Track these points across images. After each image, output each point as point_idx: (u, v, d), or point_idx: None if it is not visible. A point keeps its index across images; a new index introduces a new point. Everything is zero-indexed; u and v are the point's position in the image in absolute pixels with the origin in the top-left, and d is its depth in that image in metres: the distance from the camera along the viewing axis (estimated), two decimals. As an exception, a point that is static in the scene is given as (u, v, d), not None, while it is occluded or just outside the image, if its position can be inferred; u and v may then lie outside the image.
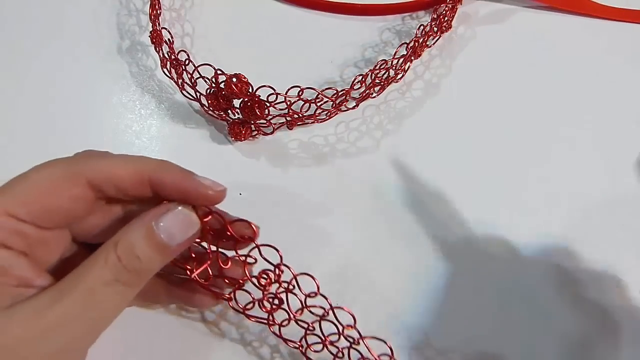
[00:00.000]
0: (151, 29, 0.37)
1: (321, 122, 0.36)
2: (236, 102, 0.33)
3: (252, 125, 0.35)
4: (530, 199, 0.34)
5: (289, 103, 0.33)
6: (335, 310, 0.26)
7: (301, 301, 0.26)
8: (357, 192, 0.34)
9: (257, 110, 0.33)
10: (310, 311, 0.26)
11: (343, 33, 0.40)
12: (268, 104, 0.33)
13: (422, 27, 0.37)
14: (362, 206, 0.34)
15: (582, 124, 0.37)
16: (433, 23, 0.38)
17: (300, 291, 0.26)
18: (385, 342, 0.26)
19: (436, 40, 0.39)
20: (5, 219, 0.21)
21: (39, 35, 0.39)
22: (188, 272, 0.25)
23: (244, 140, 0.35)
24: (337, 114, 0.36)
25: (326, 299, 0.26)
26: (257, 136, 0.35)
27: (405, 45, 0.36)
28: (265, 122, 0.34)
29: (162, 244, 0.23)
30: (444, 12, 0.38)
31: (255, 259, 0.26)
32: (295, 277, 0.26)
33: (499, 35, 0.40)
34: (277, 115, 0.34)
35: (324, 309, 0.26)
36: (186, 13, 0.41)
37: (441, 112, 0.37)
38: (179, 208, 0.24)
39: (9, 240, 0.22)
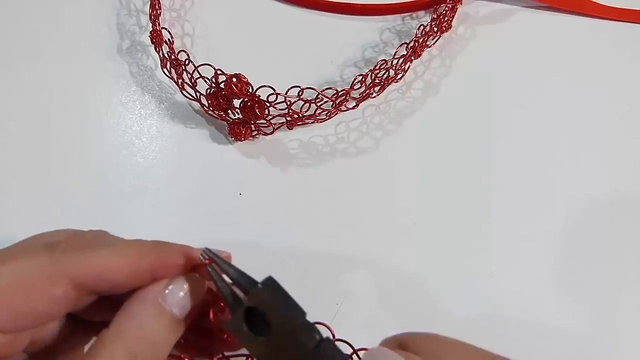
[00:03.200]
0: (151, 29, 0.37)
1: (321, 122, 0.36)
2: (236, 102, 0.33)
3: (252, 125, 0.35)
4: (530, 198, 0.34)
5: (289, 103, 0.33)
6: None
7: None
8: (357, 192, 0.34)
9: (257, 110, 0.33)
10: None
11: (343, 33, 0.40)
12: (268, 104, 0.33)
13: (422, 27, 0.37)
14: (362, 206, 0.34)
15: (582, 123, 0.37)
16: (433, 23, 0.38)
17: None
18: None
19: (436, 40, 0.39)
20: None
21: (39, 35, 0.39)
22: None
23: (244, 140, 0.35)
24: (337, 114, 0.36)
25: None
26: (257, 136, 0.35)
27: (405, 45, 0.36)
28: (265, 122, 0.34)
29: (175, 320, 0.20)
30: (444, 12, 0.38)
31: None
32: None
33: (499, 35, 0.40)
34: (277, 115, 0.34)
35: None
36: (186, 13, 0.41)
37: (441, 112, 0.37)
38: (181, 277, 0.20)
39: None
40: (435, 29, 0.38)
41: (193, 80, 0.34)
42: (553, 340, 0.30)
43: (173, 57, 0.35)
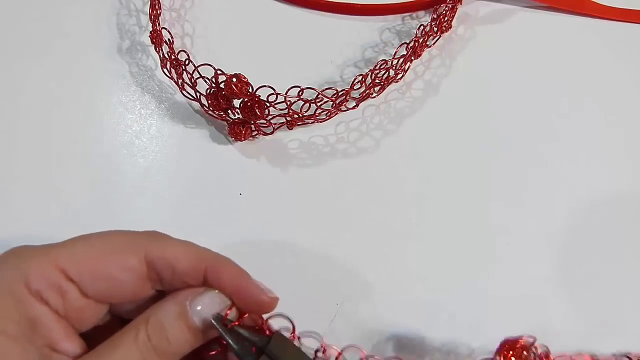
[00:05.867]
0: (151, 29, 0.37)
1: (321, 122, 0.36)
2: (236, 102, 0.33)
3: (252, 125, 0.35)
4: (530, 198, 0.34)
5: (289, 103, 0.33)
6: None
7: None
8: (357, 192, 0.34)
9: (257, 110, 0.33)
10: None
11: (343, 33, 0.40)
12: (268, 104, 0.33)
13: (422, 27, 0.37)
14: (362, 206, 0.34)
15: (582, 123, 0.37)
16: (433, 23, 0.38)
17: None
18: None
19: (436, 40, 0.39)
20: (53, 270, 0.21)
21: (39, 36, 0.39)
22: None
23: (244, 140, 0.35)
24: (337, 114, 0.36)
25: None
26: (257, 136, 0.35)
27: (405, 45, 0.36)
28: (265, 122, 0.34)
29: (194, 327, 0.22)
30: (444, 12, 0.38)
31: None
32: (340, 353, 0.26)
33: (499, 35, 0.40)
34: (277, 115, 0.34)
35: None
36: (186, 13, 0.41)
37: (441, 112, 0.37)
38: (215, 291, 0.23)
39: (49, 295, 0.21)
40: (435, 29, 0.38)
41: (193, 80, 0.34)
42: (553, 340, 0.30)
43: (173, 57, 0.35)
